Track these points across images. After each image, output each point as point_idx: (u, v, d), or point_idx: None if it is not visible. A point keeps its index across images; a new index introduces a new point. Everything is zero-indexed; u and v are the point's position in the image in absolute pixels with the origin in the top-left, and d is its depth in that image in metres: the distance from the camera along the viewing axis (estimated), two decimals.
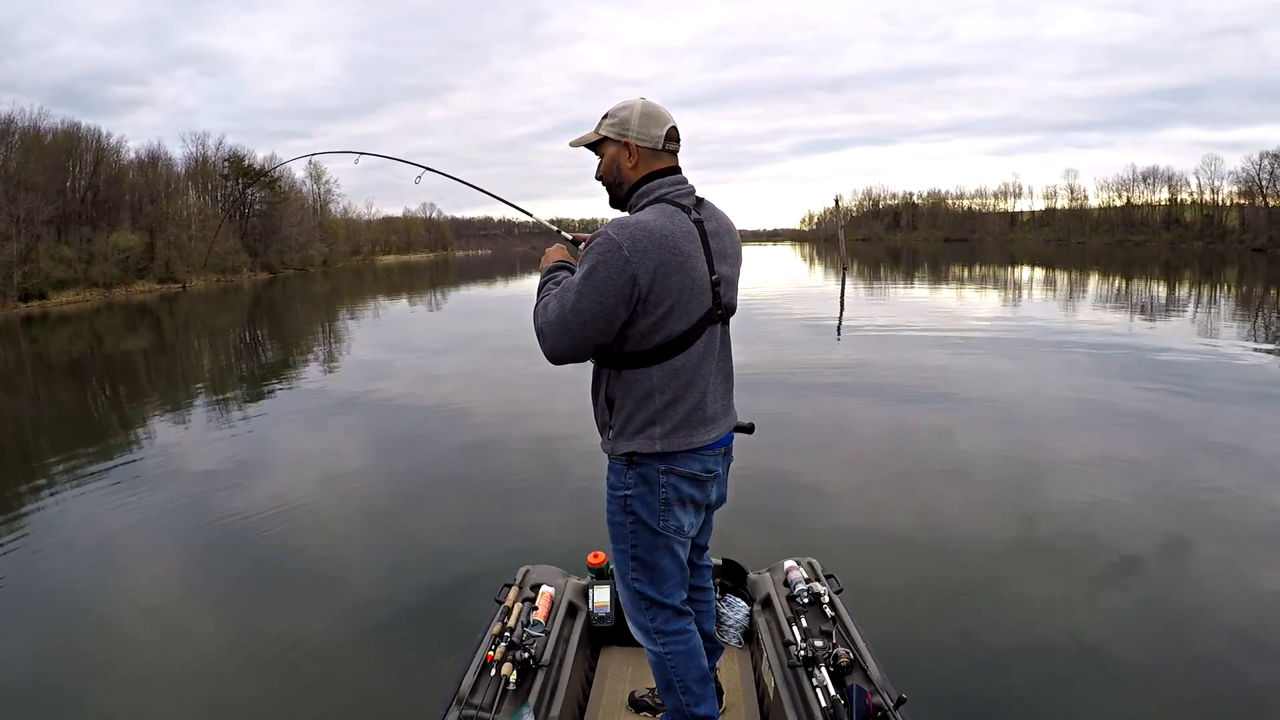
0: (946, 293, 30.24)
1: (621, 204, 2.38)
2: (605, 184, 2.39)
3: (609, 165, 2.34)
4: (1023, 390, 10.75)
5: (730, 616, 3.36)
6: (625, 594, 2.51)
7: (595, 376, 2.37)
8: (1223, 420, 8.97)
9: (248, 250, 63.92)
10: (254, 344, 22.18)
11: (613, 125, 2.31)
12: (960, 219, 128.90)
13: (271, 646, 4.48)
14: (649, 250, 2.14)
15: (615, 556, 2.46)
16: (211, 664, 4.32)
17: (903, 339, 16.37)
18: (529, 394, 11.39)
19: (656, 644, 2.50)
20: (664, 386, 2.26)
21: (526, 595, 3.31)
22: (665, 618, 2.48)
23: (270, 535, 6.14)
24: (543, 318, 2.21)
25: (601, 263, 2.12)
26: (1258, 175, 76.02)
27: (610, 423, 2.33)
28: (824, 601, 3.11)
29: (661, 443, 2.28)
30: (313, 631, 4.62)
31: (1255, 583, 4.85)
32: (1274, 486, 6.63)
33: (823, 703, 2.56)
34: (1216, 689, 3.80)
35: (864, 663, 2.71)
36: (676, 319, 2.22)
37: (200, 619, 4.88)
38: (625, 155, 2.31)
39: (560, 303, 2.17)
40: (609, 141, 2.33)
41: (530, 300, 2.31)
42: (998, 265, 51.50)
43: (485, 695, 2.67)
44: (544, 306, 2.24)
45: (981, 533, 5.76)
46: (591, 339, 2.18)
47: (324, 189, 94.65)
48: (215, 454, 8.64)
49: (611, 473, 2.38)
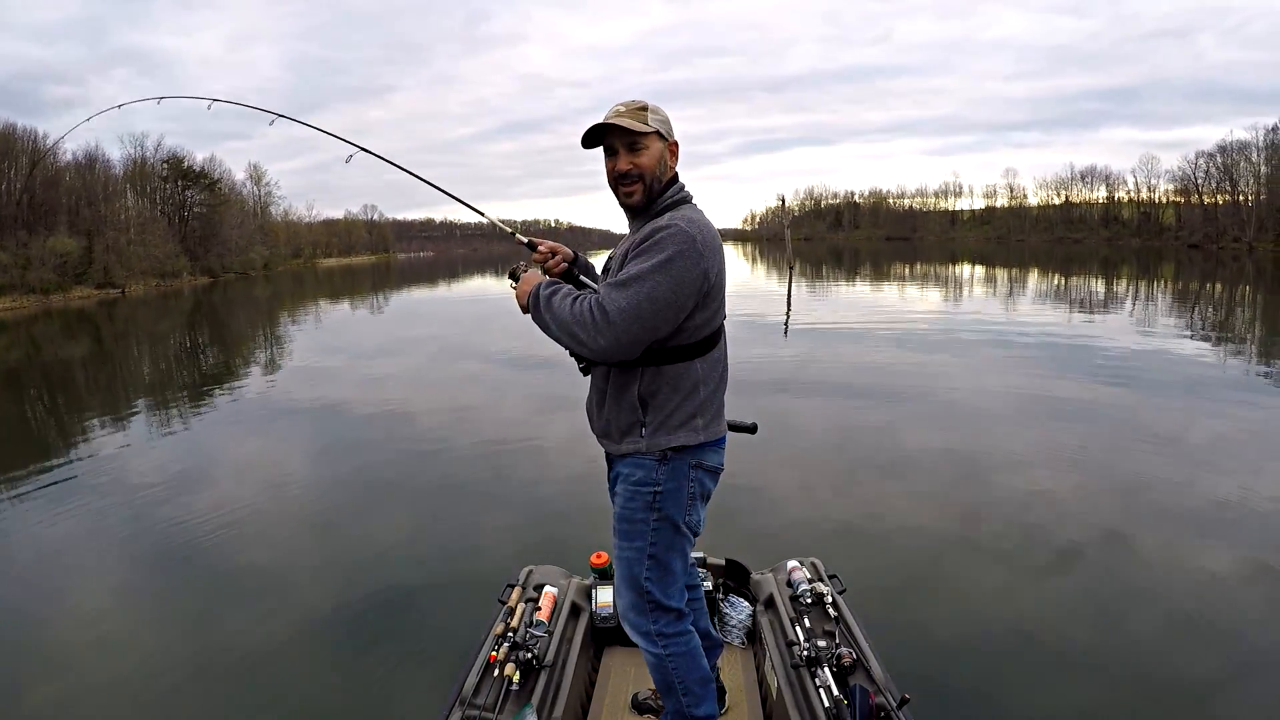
0: (889, 290, 30.75)
1: (652, 202, 2.37)
2: (645, 180, 2.34)
3: (657, 161, 2.34)
4: (998, 386, 10.99)
5: (734, 616, 3.37)
6: (629, 596, 2.49)
7: (618, 378, 2.35)
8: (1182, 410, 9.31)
9: (188, 254, 62.40)
10: (198, 350, 21.62)
11: (662, 123, 2.33)
12: (901, 218, 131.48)
13: (271, 649, 4.45)
14: (714, 247, 2.27)
15: (626, 556, 2.45)
16: (212, 668, 4.27)
17: (847, 335, 16.65)
18: (523, 396, 11.38)
19: (657, 646, 2.50)
20: (707, 377, 2.36)
21: (529, 595, 3.31)
22: (667, 621, 2.49)
23: (269, 536, 6.17)
24: (609, 306, 2.14)
25: (679, 254, 2.17)
26: (1193, 174, 78.61)
27: (644, 420, 2.33)
28: (827, 601, 3.14)
29: (704, 433, 2.37)
30: (319, 633, 4.64)
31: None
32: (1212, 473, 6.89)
33: (826, 703, 2.58)
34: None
35: (867, 663, 2.74)
36: (721, 313, 2.39)
37: (181, 630, 4.75)
38: (670, 155, 2.38)
39: (631, 290, 2.14)
40: (657, 137, 2.33)
41: (479, 301, 2.25)
42: (939, 263, 52.50)
43: (488, 696, 2.67)
44: (605, 296, 2.17)
45: (984, 532, 5.79)
46: (660, 329, 2.20)
47: (264, 191, 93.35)
48: (172, 462, 8.41)
49: (639, 469, 2.37)
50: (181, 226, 65.38)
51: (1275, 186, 67.79)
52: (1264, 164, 70.11)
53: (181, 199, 67.70)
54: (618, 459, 2.46)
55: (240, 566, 5.63)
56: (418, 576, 5.34)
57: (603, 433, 2.46)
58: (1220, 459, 7.34)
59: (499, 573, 3.64)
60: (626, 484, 2.40)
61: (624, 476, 2.42)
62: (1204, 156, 77.17)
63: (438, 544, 5.96)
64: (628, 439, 2.37)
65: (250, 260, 73.34)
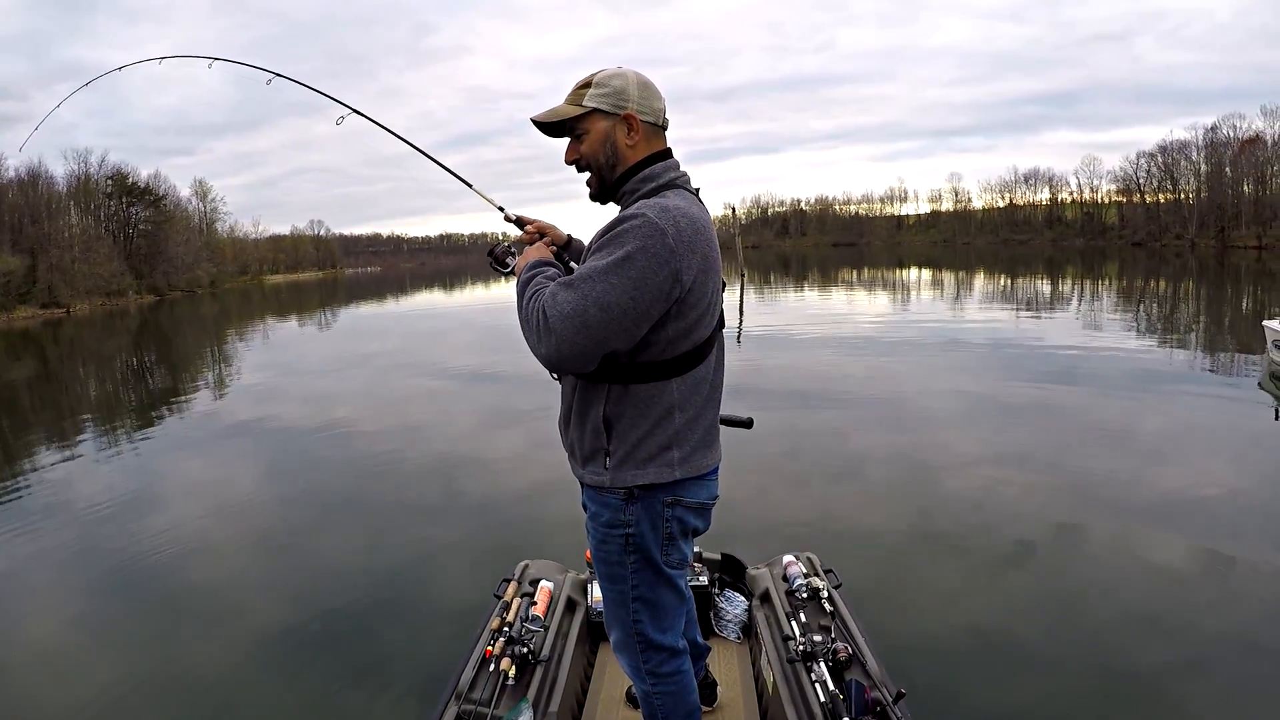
0: (838, 295, 31.33)
1: (611, 193, 2.01)
2: (593, 168, 1.99)
3: (600, 143, 1.94)
4: (945, 387, 11.17)
5: (729, 611, 3.35)
6: (619, 634, 2.25)
7: (583, 394, 2.01)
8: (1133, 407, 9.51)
9: (133, 272, 61.21)
10: (146, 370, 21.15)
11: (605, 96, 1.92)
12: (848, 224, 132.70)
13: (269, 641, 4.46)
14: (694, 243, 1.85)
15: (611, 598, 2.20)
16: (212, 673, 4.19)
17: (799, 342, 16.78)
18: (513, 400, 11.21)
19: (646, 683, 2.28)
20: (685, 402, 1.98)
21: (525, 590, 3.28)
22: (660, 660, 2.25)
23: (268, 533, 6.18)
24: (550, 310, 1.79)
25: (640, 251, 1.77)
26: (1135, 174, 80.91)
27: (608, 449, 1.98)
28: (823, 596, 3.11)
29: (681, 468, 1.99)
30: (314, 620, 4.65)
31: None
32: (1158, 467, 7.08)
33: (822, 698, 2.55)
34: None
35: (863, 657, 2.71)
36: (705, 324, 1.96)
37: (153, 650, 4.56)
38: (624, 131, 1.94)
39: (578, 293, 1.78)
40: (598, 115, 1.93)
41: (434, 316, 2.12)
42: (886, 267, 53.43)
43: (484, 690, 2.64)
44: (550, 297, 1.81)
45: (978, 526, 5.81)
46: (611, 341, 1.82)
47: (210, 207, 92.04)
48: (121, 483, 8.18)
49: (605, 508, 2.05)
50: (127, 244, 64.28)
51: (1215, 184, 69.93)
52: (1204, 163, 72.57)
53: (126, 216, 66.54)
54: (583, 486, 2.13)
55: (230, 576, 5.57)
56: (414, 573, 5.32)
57: (569, 451, 2.14)
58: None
59: (494, 567, 3.63)
60: (596, 524, 2.09)
61: (592, 515, 2.11)
62: (1145, 156, 79.81)
63: (435, 541, 5.92)
64: (590, 467, 2.04)
65: (197, 278, 72.18)
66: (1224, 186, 69.06)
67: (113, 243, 60.90)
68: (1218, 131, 71.10)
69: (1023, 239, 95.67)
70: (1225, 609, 4.45)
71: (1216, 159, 70.91)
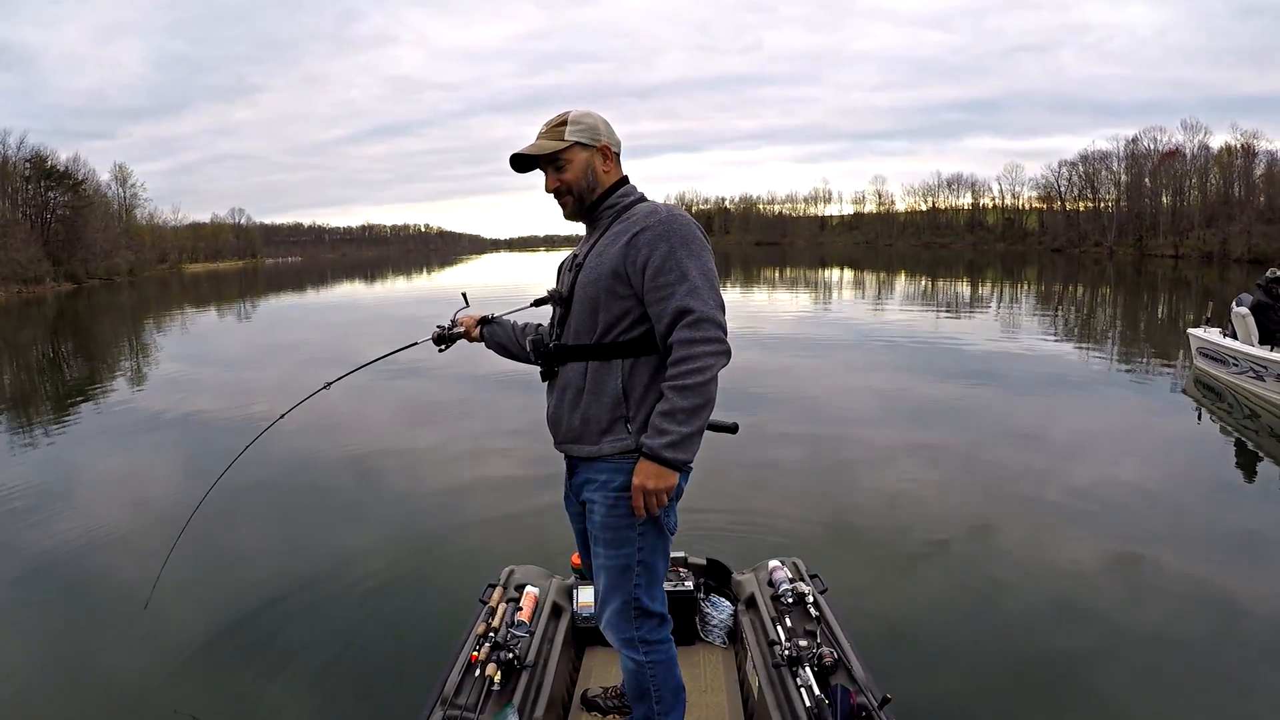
0: (761, 294, 31.77)
1: (590, 211, 2.37)
2: (575, 192, 2.33)
3: (583, 171, 2.31)
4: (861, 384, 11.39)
5: (715, 616, 3.39)
6: (616, 603, 2.40)
7: (596, 373, 2.27)
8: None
9: (50, 259, 58.75)
10: (62, 360, 20.21)
11: (583, 131, 2.30)
12: (771, 223, 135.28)
13: (263, 645, 4.37)
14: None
15: (612, 564, 2.34)
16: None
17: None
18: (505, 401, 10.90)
19: (639, 653, 2.45)
20: None
21: (511, 595, 3.29)
22: (651, 626, 2.43)
23: (266, 531, 6.14)
24: (714, 315, 2.17)
25: (698, 231, 2.28)
26: (1056, 181, 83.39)
27: (629, 415, 2.24)
28: (809, 601, 3.16)
29: None
30: (302, 627, 4.55)
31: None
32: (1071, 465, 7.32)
33: (807, 702, 2.59)
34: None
35: (849, 663, 2.76)
36: None
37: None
38: (600, 160, 2.33)
39: (698, 264, 2.19)
40: (579, 148, 2.29)
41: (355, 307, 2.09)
42: (809, 267, 54.27)
43: (469, 696, 2.65)
44: (701, 313, 2.16)
45: (972, 530, 5.81)
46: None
47: (130, 193, 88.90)
48: (33, 476, 7.82)
49: (620, 473, 2.24)
50: (44, 230, 61.54)
51: (1135, 194, 72.57)
52: (1124, 173, 75.46)
53: (44, 200, 63.78)
54: (590, 463, 2.31)
55: (224, 556, 5.53)
56: (398, 578, 5.22)
57: (576, 436, 2.30)
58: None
59: (480, 573, 3.60)
60: (607, 490, 2.26)
61: (601, 484, 2.28)
62: (1067, 165, 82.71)
63: (419, 546, 5.81)
64: (609, 437, 2.25)
65: (115, 265, 69.44)
66: (1143, 197, 71.98)
67: (29, 228, 58.40)
68: (1139, 143, 74.07)
69: (944, 242, 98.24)
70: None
71: (1137, 170, 73.86)
